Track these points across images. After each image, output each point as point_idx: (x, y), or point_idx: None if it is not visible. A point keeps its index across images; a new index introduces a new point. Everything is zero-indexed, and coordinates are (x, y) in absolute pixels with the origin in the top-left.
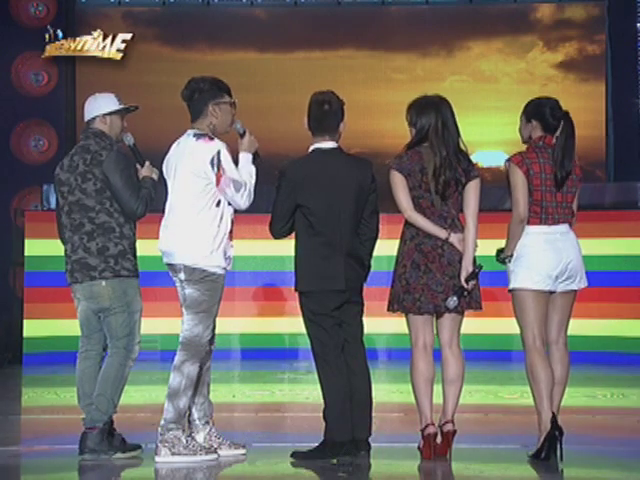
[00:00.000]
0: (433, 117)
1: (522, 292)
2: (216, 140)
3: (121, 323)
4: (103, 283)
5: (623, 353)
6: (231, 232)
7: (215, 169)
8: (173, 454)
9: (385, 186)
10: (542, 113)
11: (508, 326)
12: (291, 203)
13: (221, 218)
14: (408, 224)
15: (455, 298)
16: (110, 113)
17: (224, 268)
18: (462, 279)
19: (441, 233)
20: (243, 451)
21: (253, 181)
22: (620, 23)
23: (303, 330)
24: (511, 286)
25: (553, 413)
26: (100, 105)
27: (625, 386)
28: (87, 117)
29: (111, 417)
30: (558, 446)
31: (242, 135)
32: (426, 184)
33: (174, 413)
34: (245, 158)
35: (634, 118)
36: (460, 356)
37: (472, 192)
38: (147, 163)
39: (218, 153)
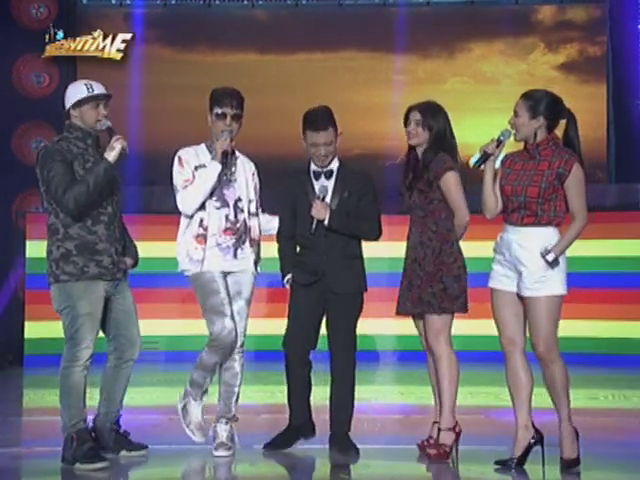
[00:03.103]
0: (447, 121)
1: (562, 297)
2: (180, 150)
3: (66, 327)
4: (52, 287)
5: (625, 355)
6: (202, 236)
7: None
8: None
9: (390, 187)
10: (557, 111)
11: None
12: None
13: (189, 224)
14: (450, 226)
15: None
16: (79, 104)
17: (196, 269)
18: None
19: None
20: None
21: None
22: (621, 25)
23: None
24: (559, 291)
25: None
26: (69, 96)
27: (626, 387)
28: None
29: (78, 426)
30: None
31: None
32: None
33: (188, 383)
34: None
35: (635, 120)
36: None
37: None
38: (113, 139)
39: (172, 161)
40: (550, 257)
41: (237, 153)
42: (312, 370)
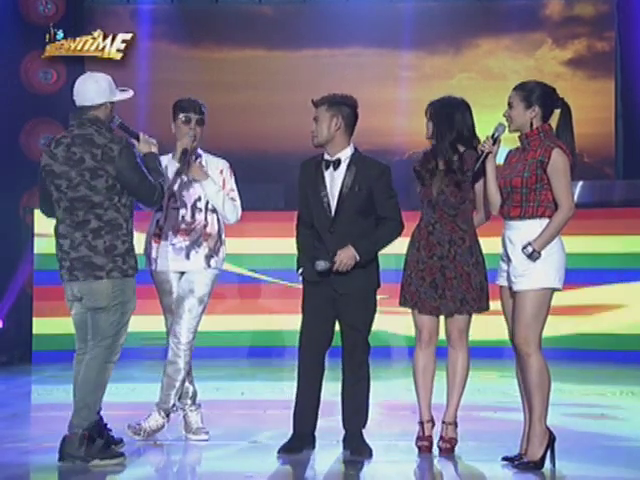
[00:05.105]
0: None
1: (550, 291)
2: None
3: (111, 322)
4: (105, 281)
5: (633, 351)
6: (157, 235)
7: None
8: None
9: (398, 183)
10: (551, 100)
11: None
12: None
13: (150, 223)
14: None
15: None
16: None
17: (152, 267)
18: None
19: None
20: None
21: None
22: (629, 20)
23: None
24: (542, 285)
25: None
26: (107, 90)
27: (634, 384)
28: (89, 102)
29: (93, 423)
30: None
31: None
32: None
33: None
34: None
35: None
36: None
37: None
38: (141, 136)
39: None
40: (527, 250)
41: (203, 154)
42: (324, 375)
